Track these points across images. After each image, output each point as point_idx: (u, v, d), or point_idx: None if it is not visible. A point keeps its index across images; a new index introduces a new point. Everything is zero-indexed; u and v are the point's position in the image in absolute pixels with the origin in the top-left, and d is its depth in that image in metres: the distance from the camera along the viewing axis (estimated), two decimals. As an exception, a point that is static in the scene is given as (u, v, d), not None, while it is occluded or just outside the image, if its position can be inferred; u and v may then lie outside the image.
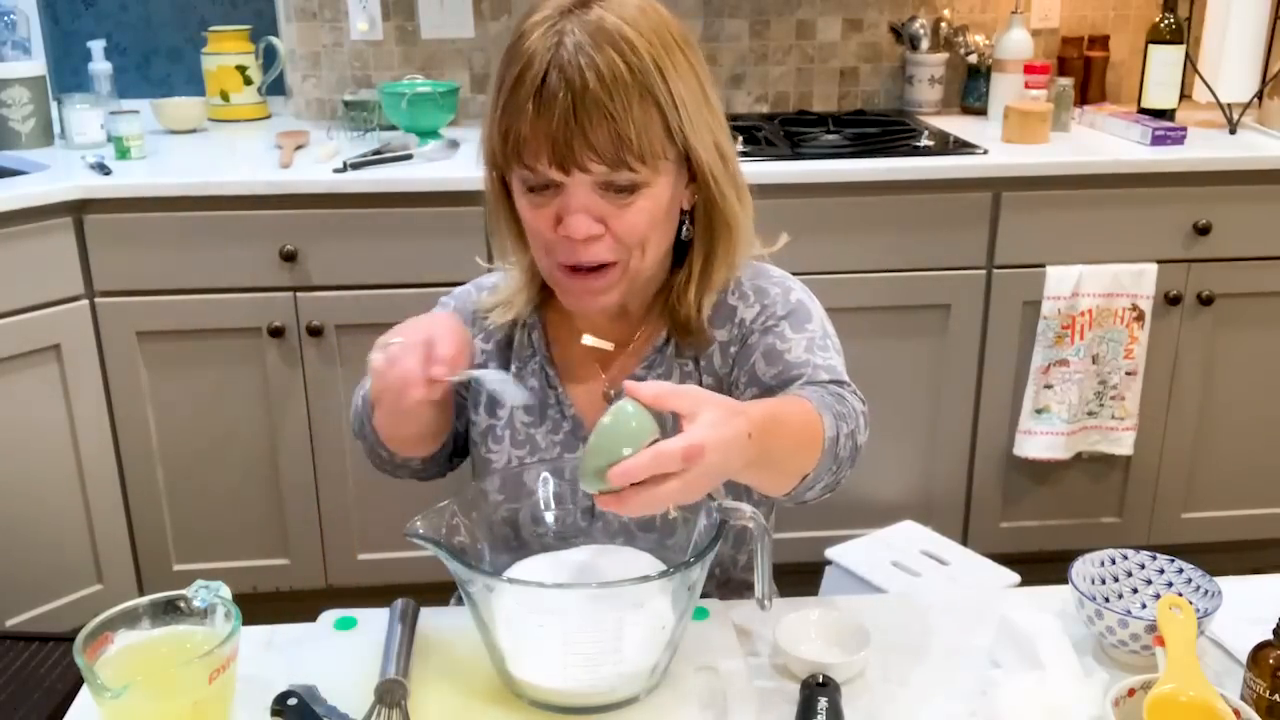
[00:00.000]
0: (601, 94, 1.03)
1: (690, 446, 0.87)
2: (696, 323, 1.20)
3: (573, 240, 1.10)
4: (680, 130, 1.09)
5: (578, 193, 1.08)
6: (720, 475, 0.92)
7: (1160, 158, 2.41)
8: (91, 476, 2.34)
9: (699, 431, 0.88)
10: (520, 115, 1.06)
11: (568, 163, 1.06)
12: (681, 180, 1.14)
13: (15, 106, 2.55)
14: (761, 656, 1.11)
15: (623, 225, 1.10)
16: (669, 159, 1.10)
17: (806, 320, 1.20)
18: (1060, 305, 2.41)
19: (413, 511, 1.01)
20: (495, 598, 0.99)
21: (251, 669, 1.04)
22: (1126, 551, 1.19)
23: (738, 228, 1.18)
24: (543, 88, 1.04)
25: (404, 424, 1.17)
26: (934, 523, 2.32)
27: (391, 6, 2.77)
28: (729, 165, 1.16)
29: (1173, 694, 0.96)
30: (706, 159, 1.12)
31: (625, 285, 1.16)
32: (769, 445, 0.96)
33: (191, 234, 2.26)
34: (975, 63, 2.84)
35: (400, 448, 1.23)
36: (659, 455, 0.87)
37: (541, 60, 1.05)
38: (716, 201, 1.15)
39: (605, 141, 1.05)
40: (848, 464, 1.08)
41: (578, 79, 1.03)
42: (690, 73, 1.10)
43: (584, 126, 1.04)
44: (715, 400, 0.93)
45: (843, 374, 1.16)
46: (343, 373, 2.36)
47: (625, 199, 1.09)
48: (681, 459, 0.87)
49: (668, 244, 1.18)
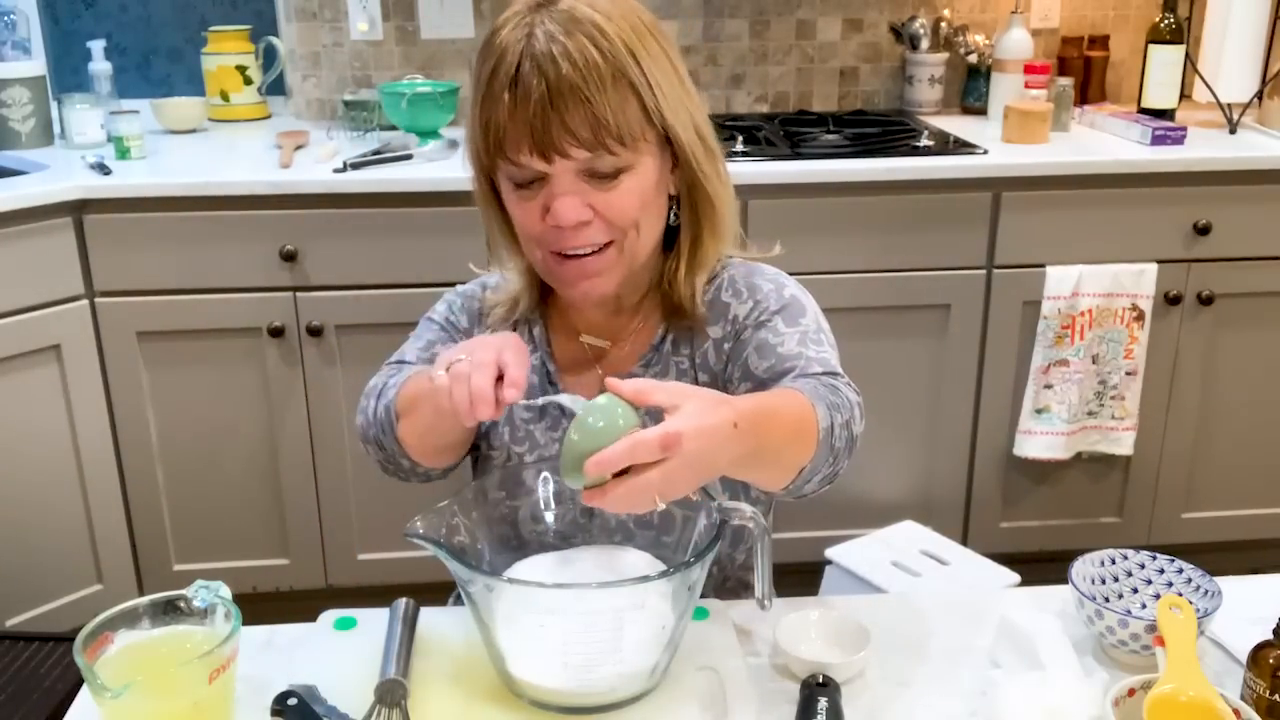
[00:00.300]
0: (576, 78, 1.05)
1: (667, 435, 0.87)
2: (690, 304, 1.21)
3: (562, 228, 1.11)
4: (658, 111, 1.10)
5: (562, 180, 1.10)
6: (706, 466, 0.92)
7: (1160, 158, 2.41)
8: (91, 476, 2.34)
9: (677, 421, 0.88)
10: (498, 106, 1.08)
11: (548, 149, 1.07)
12: (666, 164, 1.16)
13: (15, 106, 2.55)
14: (761, 656, 1.11)
15: (611, 209, 1.12)
16: (649, 140, 1.12)
17: (800, 315, 1.20)
18: (1060, 305, 2.41)
19: (413, 511, 1.01)
20: (495, 598, 0.99)
21: (251, 669, 1.04)
22: (1126, 551, 1.19)
23: (722, 205, 1.19)
24: (517, 77, 1.06)
25: (443, 436, 1.18)
26: (934, 523, 2.32)
27: (391, 6, 2.78)
28: (708, 145, 1.17)
29: (1173, 694, 0.96)
30: (686, 139, 1.14)
31: (623, 269, 1.16)
32: (761, 437, 0.96)
33: (191, 234, 2.26)
34: (975, 63, 2.84)
35: (425, 458, 1.22)
36: (635, 443, 0.87)
37: (514, 52, 1.07)
38: (700, 181, 1.17)
39: (583, 125, 1.06)
40: (845, 454, 1.08)
41: (551, 66, 1.05)
42: (663, 56, 1.12)
43: (561, 112, 1.05)
44: (698, 393, 0.93)
45: (836, 366, 1.15)
46: (343, 373, 2.36)
47: (610, 184, 1.11)
48: (659, 447, 0.87)
49: (660, 227, 1.19)
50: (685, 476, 0.90)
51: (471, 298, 1.31)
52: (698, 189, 1.17)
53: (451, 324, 1.30)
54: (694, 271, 1.21)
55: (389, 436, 1.21)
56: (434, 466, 1.25)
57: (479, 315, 1.30)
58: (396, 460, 1.23)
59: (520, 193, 1.13)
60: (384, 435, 1.21)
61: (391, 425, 1.20)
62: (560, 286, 1.19)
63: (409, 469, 1.24)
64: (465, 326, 1.30)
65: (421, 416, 1.15)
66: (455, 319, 1.30)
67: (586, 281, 1.16)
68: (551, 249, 1.14)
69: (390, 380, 1.23)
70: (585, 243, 1.13)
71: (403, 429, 1.19)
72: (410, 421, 1.17)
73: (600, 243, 1.13)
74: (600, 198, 1.11)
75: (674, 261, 1.21)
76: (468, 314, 1.30)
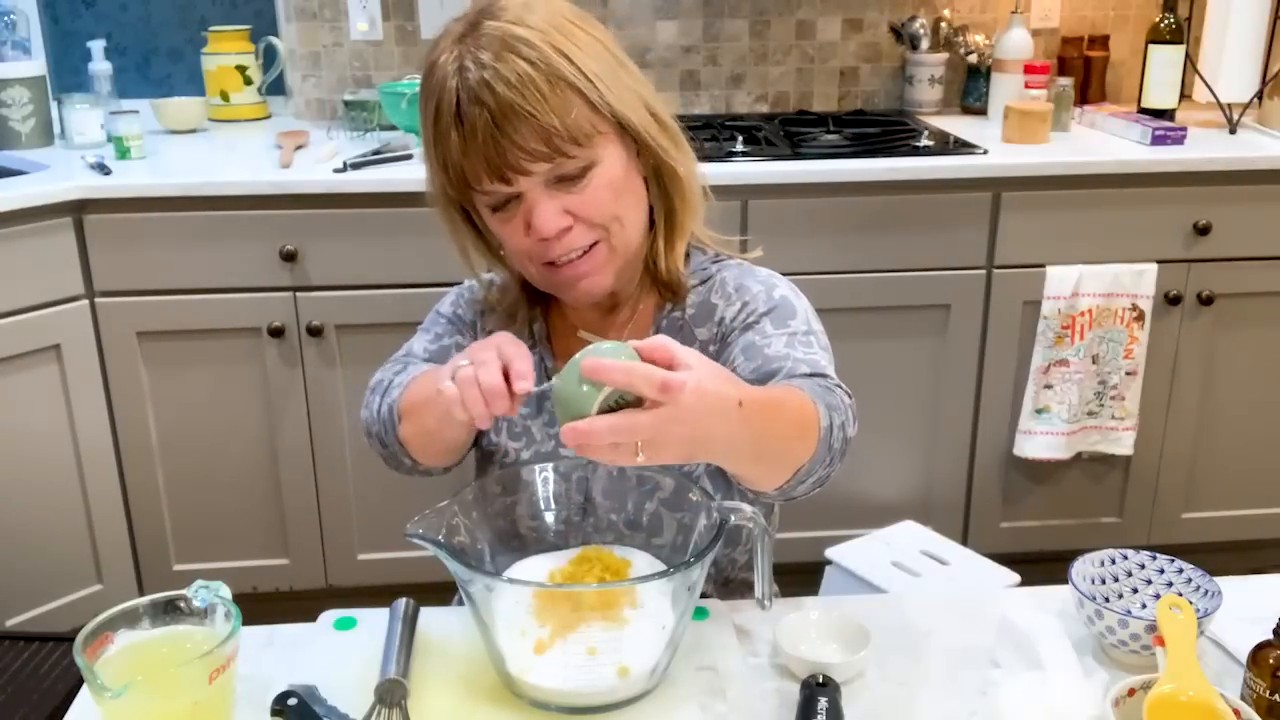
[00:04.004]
0: (514, 97, 1.06)
1: (671, 378, 0.85)
2: (677, 273, 1.23)
3: (548, 240, 1.12)
4: (605, 103, 1.11)
5: (534, 194, 1.11)
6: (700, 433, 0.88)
7: (1160, 158, 2.41)
8: (91, 477, 2.34)
9: (684, 372, 0.86)
10: (449, 145, 1.10)
11: (508, 172, 1.09)
12: (629, 149, 1.16)
13: (15, 106, 2.55)
14: (761, 656, 1.10)
15: (588, 208, 1.13)
16: (605, 132, 1.13)
17: (790, 317, 1.20)
18: (1060, 305, 2.41)
19: (413, 511, 1.01)
20: (495, 598, 0.99)
21: (251, 669, 1.04)
22: (1126, 551, 1.18)
23: (686, 173, 1.20)
24: (459, 112, 1.08)
25: (446, 441, 1.18)
26: (934, 523, 2.32)
27: (391, 6, 2.78)
28: (661, 120, 1.18)
29: (1173, 694, 0.96)
30: (639, 120, 1.15)
31: (617, 262, 1.17)
32: (765, 425, 0.95)
33: (191, 234, 2.26)
34: (975, 63, 2.84)
35: (426, 459, 1.23)
36: (635, 366, 0.85)
37: (450, 89, 1.09)
38: (663, 158, 1.18)
39: (534, 139, 1.08)
40: (839, 457, 1.07)
41: (487, 94, 1.07)
42: (596, 45, 1.13)
43: (509, 134, 1.07)
44: (714, 363, 0.92)
45: (825, 369, 1.14)
46: (343, 373, 2.36)
47: (581, 184, 1.12)
48: (658, 384, 0.84)
49: (643, 214, 1.20)
50: (676, 434, 0.87)
51: (477, 292, 1.32)
52: (663, 166, 1.19)
53: (459, 317, 1.31)
54: (673, 242, 1.23)
55: (391, 436, 1.22)
56: (436, 465, 1.25)
57: (483, 311, 1.30)
58: (398, 458, 1.24)
59: (499, 215, 1.15)
60: (386, 434, 1.22)
61: (394, 425, 1.20)
62: (560, 293, 1.21)
63: (410, 466, 1.25)
64: (470, 320, 1.31)
65: (424, 420, 1.16)
66: (462, 313, 1.32)
67: (584, 282, 1.16)
68: (543, 261, 1.15)
69: (395, 379, 1.24)
70: (571, 245, 1.14)
71: (405, 430, 1.19)
72: (412, 424, 1.18)
73: (586, 244, 1.14)
74: (575, 200, 1.12)
75: (656, 240, 1.23)
76: (473, 308, 1.32)
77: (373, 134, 2.62)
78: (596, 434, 0.86)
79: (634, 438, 0.86)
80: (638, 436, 0.86)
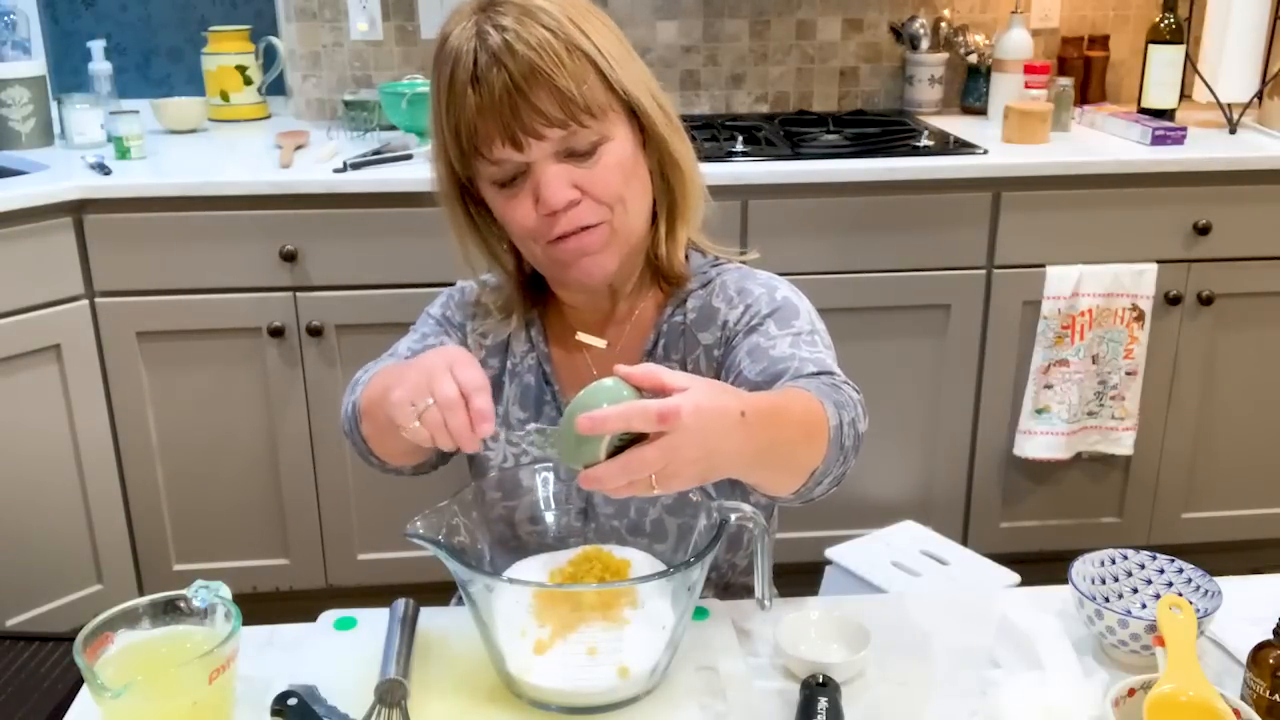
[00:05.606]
0: (534, 59, 1.07)
1: (666, 406, 0.85)
2: (679, 264, 1.23)
3: (555, 215, 1.12)
4: (618, 80, 1.12)
5: (544, 166, 1.11)
6: (708, 451, 0.88)
7: (1160, 158, 2.41)
8: (91, 476, 2.34)
9: (679, 397, 0.86)
10: (464, 106, 1.09)
11: (522, 135, 1.08)
12: (636, 136, 1.17)
13: (15, 106, 2.55)
14: (761, 656, 1.10)
15: (596, 184, 1.13)
16: (617, 111, 1.13)
17: (793, 317, 1.19)
18: (1060, 305, 2.41)
19: (413, 511, 1.01)
20: (495, 598, 0.99)
21: (251, 669, 1.04)
22: (1126, 551, 1.18)
23: (688, 165, 1.21)
24: (477, 73, 1.08)
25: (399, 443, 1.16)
26: (934, 523, 2.32)
27: (391, 6, 2.78)
28: (667, 111, 1.19)
29: (1173, 694, 0.96)
30: (648, 106, 1.16)
31: (619, 248, 1.17)
32: (771, 433, 0.95)
33: (191, 234, 2.26)
34: (975, 63, 2.84)
35: (388, 459, 1.23)
36: (631, 407, 0.86)
37: (468, 51, 1.09)
38: (668, 148, 1.18)
39: (550, 103, 1.08)
40: (852, 454, 1.06)
41: (508, 55, 1.07)
42: (608, 31, 1.14)
43: (526, 95, 1.07)
44: (709, 381, 0.92)
45: (831, 367, 1.14)
46: (343, 373, 2.36)
47: (590, 160, 1.12)
48: (656, 416, 0.84)
49: (647, 203, 1.20)
50: (685, 457, 0.87)
51: (469, 295, 1.32)
52: (667, 158, 1.19)
53: (447, 319, 1.31)
54: (674, 233, 1.23)
55: (355, 434, 1.22)
56: (403, 464, 1.25)
57: (473, 313, 1.30)
58: (367, 457, 1.24)
59: (505, 192, 1.14)
60: (353, 432, 1.23)
61: (357, 422, 1.20)
62: (563, 271, 1.18)
63: (379, 465, 1.25)
64: (459, 322, 1.30)
65: (378, 420, 1.14)
66: (451, 315, 1.31)
67: (587, 259, 1.15)
68: (548, 239, 1.14)
69: (363, 376, 1.24)
70: (577, 220, 1.13)
71: (365, 429, 1.19)
72: (370, 422, 1.17)
73: (592, 222, 1.14)
74: (584, 175, 1.12)
75: (658, 232, 1.23)
76: (463, 311, 1.31)
77: (373, 134, 2.62)
78: (610, 478, 0.87)
79: (646, 472, 0.87)
80: (649, 470, 0.87)
